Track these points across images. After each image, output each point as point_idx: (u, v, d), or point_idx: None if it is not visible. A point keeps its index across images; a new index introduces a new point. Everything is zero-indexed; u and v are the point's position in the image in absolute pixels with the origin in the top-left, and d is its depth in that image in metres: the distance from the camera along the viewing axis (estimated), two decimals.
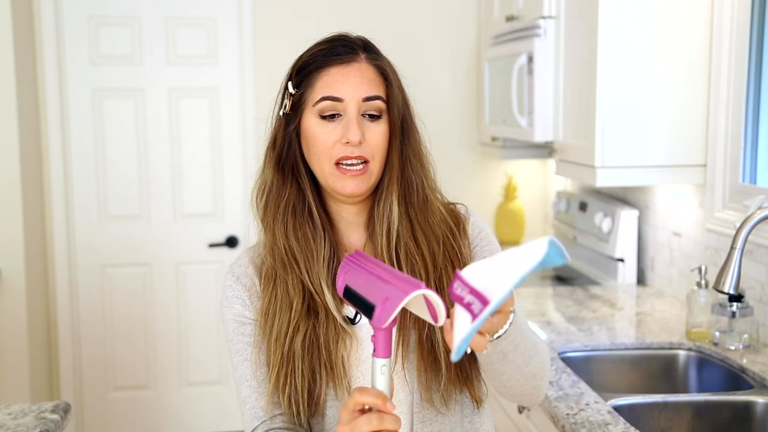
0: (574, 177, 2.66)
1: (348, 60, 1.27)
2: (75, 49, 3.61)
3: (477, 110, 3.88)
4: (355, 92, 1.25)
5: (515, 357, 1.14)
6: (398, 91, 1.30)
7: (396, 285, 1.01)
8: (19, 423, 1.71)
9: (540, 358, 1.21)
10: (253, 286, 1.32)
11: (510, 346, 1.12)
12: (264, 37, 3.71)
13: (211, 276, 3.81)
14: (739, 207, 2.26)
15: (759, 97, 2.28)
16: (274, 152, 1.31)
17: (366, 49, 1.30)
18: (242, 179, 3.78)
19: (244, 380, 1.30)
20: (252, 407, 1.28)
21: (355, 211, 1.33)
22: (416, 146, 1.32)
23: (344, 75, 1.26)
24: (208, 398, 3.87)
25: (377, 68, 1.29)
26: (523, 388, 1.21)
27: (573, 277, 3.15)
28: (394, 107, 1.28)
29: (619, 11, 2.38)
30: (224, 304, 1.34)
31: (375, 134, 1.26)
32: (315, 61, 1.28)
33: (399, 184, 1.29)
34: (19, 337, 3.38)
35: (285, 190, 1.30)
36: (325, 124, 1.26)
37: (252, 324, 1.31)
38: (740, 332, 2.11)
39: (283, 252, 1.29)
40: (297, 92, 1.28)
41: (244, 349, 1.31)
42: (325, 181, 1.28)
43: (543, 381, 1.24)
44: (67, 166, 3.66)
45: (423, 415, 1.28)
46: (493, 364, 1.15)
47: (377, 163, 1.27)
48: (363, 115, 1.26)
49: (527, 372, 1.18)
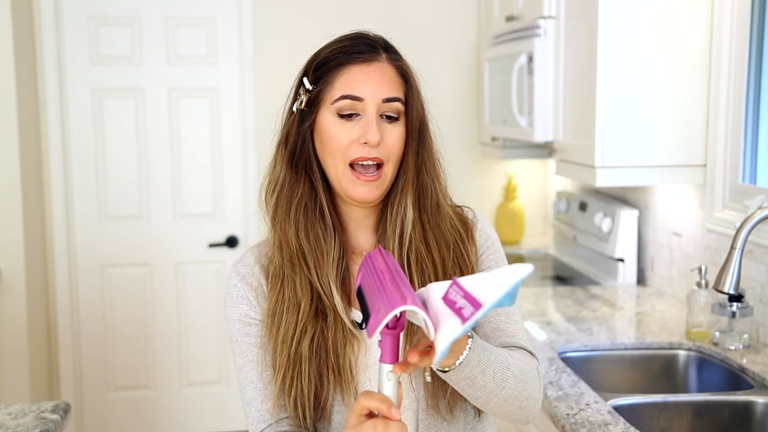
0: (574, 177, 2.66)
1: (370, 59, 1.25)
2: (75, 49, 3.62)
3: (477, 110, 3.88)
4: (375, 92, 1.23)
5: (485, 382, 1.12)
6: (417, 95, 1.28)
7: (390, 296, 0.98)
8: (19, 423, 1.71)
9: (517, 380, 1.16)
10: (259, 286, 1.30)
11: (475, 371, 1.10)
12: (264, 36, 3.71)
13: (211, 276, 3.81)
14: (739, 207, 2.26)
15: (759, 97, 2.28)
16: (287, 149, 1.28)
17: (387, 49, 1.28)
18: (242, 179, 3.78)
19: (249, 382, 1.28)
20: (258, 410, 1.26)
21: (365, 213, 1.31)
22: (431, 151, 1.30)
23: (365, 74, 1.23)
24: (208, 398, 3.87)
25: (398, 69, 1.27)
26: (507, 410, 1.18)
27: (573, 277, 3.15)
28: (413, 110, 1.26)
29: (619, 11, 2.38)
30: (228, 303, 1.31)
31: (392, 136, 1.24)
32: (336, 58, 1.25)
33: (414, 187, 1.27)
34: (19, 337, 3.38)
35: (298, 188, 1.28)
36: (343, 123, 1.23)
37: (258, 325, 1.29)
38: (740, 332, 2.11)
39: (293, 251, 1.26)
40: (314, 89, 1.25)
41: (250, 350, 1.28)
42: (338, 183, 1.26)
43: (528, 402, 1.20)
44: (67, 166, 3.67)
45: (429, 422, 1.27)
46: (464, 390, 1.13)
47: (391, 166, 1.25)
48: (381, 116, 1.24)
49: (504, 395, 1.15)
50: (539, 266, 3.43)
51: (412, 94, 1.27)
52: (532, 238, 3.97)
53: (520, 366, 1.19)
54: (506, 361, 1.16)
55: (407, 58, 1.32)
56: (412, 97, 1.26)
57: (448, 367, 1.08)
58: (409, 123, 1.26)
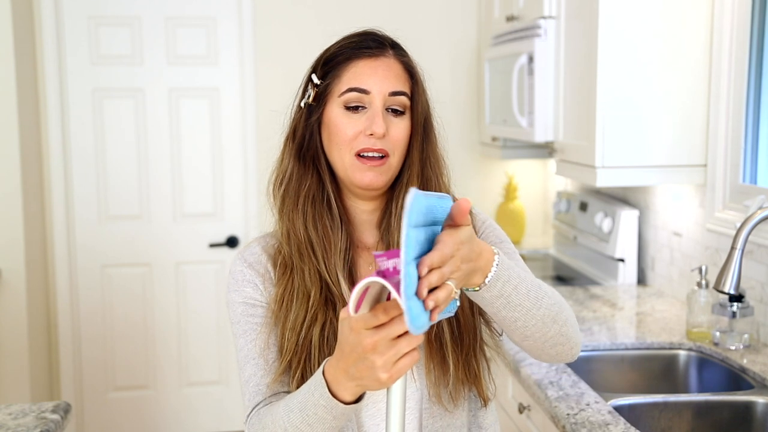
0: (575, 177, 2.66)
1: (377, 54, 1.28)
2: (75, 49, 3.62)
3: (477, 110, 3.88)
4: (382, 85, 1.25)
5: (519, 300, 1.12)
6: (423, 91, 1.31)
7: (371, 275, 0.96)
8: (20, 423, 1.71)
9: (552, 301, 1.16)
10: (266, 273, 1.31)
11: (508, 287, 1.10)
12: (264, 36, 3.71)
13: (211, 276, 3.81)
14: (740, 207, 2.26)
15: (759, 97, 2.28)
16: (294, 143, 1.31)
17: (394, 46, 1.31)
18: (242, 179, 3.78)
19: (250, 358, 1.28)
20: (257, 384, 1.26)
21: (370, 209, 1.33)
22: (435, 147, 1.33)
23: (372, 68, 1.26)
24: (208, 398, 3.87)
25: (404, 65, 1.30)
26: (548, 336, 1.17)
27: (573, 277, 3.15)
28: (418, 105, 1.29)
29: (619, 11, 2.38)
30: (232, 288, 1.32)
31: (397, 129, 1.26)
32: (344, 53, 1.28)
33: (418, 181, 1.29)
34: (19, 337, 3.38)
35: (306, 180, 1.30)
36: (350, 115, 1.26)
37: (263, 307, 1.29)
38: (740, 332, 2.11)
39: (301, 241, 1.28)
40: (322, 83, 1.28)
41: (253, 329, 1.28)
42: (344, 173, 1.28)
43: (568, 328, 1.20)
44: (67, 166, 3.66)
45: (432, 411, 1.28)
46: (500, 312, 1.12)
47: (396, 158, 1.27)
48: (387, 109, 1.26)
49: (542, 316, 1.15)
50: (539, 266, 3.43)
51: (418, 90, 1.30)
52: (533, 238, 3.97)
53: (551, 290, 1.20)
54: (537, 281, 1.17)
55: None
56: (417, 93, 1.29)
57: (478, 287, 1.07)
58: (414, 118, 1.29)
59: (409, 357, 0.99)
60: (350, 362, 1.01)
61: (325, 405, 1.08)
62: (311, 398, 1.10)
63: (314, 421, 1.10)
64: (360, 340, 0.98)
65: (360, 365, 1.00)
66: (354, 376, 1.02)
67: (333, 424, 1.10)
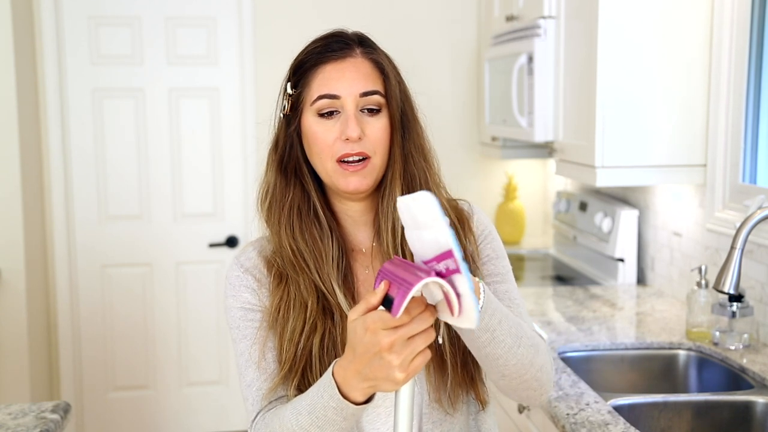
0: (574, 177, 2.66)
1: (343, 56, 1.25)
2: (75, 49, 3.62)
3: (477, 110, 3.88)
4: (351, 88, 1.23)
5: (503, 336, 1.12)
6: (396, 84, 1.28)
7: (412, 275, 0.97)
8: (19, 423, 1.72)
9: (530, 342, 1.17)
10: (263, 278, 1.30)
11: (493, 321, 1.10)
12: (264, 36, 3.71)
13: (211, 276, 3.81)
14: (739, 207, 2.26)
15: (759, 96, 2.28)
16: (277, 154, 1.30)
17: (361, 43, 1.29)
18: (242, 179, 3.78)
19: (251, 363, 1.27)
20: (259, 388, 1.26)
21: (360, 210, 1.32)
22: (418, 140, 1.30)
23: (339, 71, 1.24)
24: (208, 398, 3.87)
25: (373, 62, 1.27)
26: (524, 378, 1.18)
27: (573, 277, 3.15)
28: (393, 101, 1.26)
29: (619, 11, 2.38)
30: (230, 293, 1.31)
31: (375, 129, 1.24)
32: (310, 59, 1.26)
33: (402, 179, 1.27)
34: (19, 337, 3.38)
35: (289, 192, 1.29)
36: (324, 122, 1.24)
37: (261, 312, 1.28)
38: (740, 332, 2.11)
39: (291, 254, 1.27)
40: (295, 92, 1.27)
41: (252, 333, 1.28)
42: (328, 180, 1.27)
43: (542, 373, 1.20)
44: (67, 167, 3.67)
45: (432, 415, 1.27)
46: (485, 348, 1.12)
47: (379, 158, 1.25)
48: (362, 110, 1.24)
49: (521, 355, 1.15)
50: (539, 266, 3.43)
51: (391, 85, 1.27)
52: (533, 238, 3.97)
53: (528, 331, 1.20)
54: (516, 320, 1.17)
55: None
56: (390, 88, 1.27)
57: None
58: (391, 114, 1.27)
59: (422, 355, 0.99)
60: (364, 362, 1.01)
61: (335, 406, 1.08)
62: (320, 400, 1.09)
63: (324, 423, 1.10)
64: (377, 339, 0.98)
65: (374, 365, 1.00)
66: (367, 376, 1.02)
67: (343, 425, 1.10)
